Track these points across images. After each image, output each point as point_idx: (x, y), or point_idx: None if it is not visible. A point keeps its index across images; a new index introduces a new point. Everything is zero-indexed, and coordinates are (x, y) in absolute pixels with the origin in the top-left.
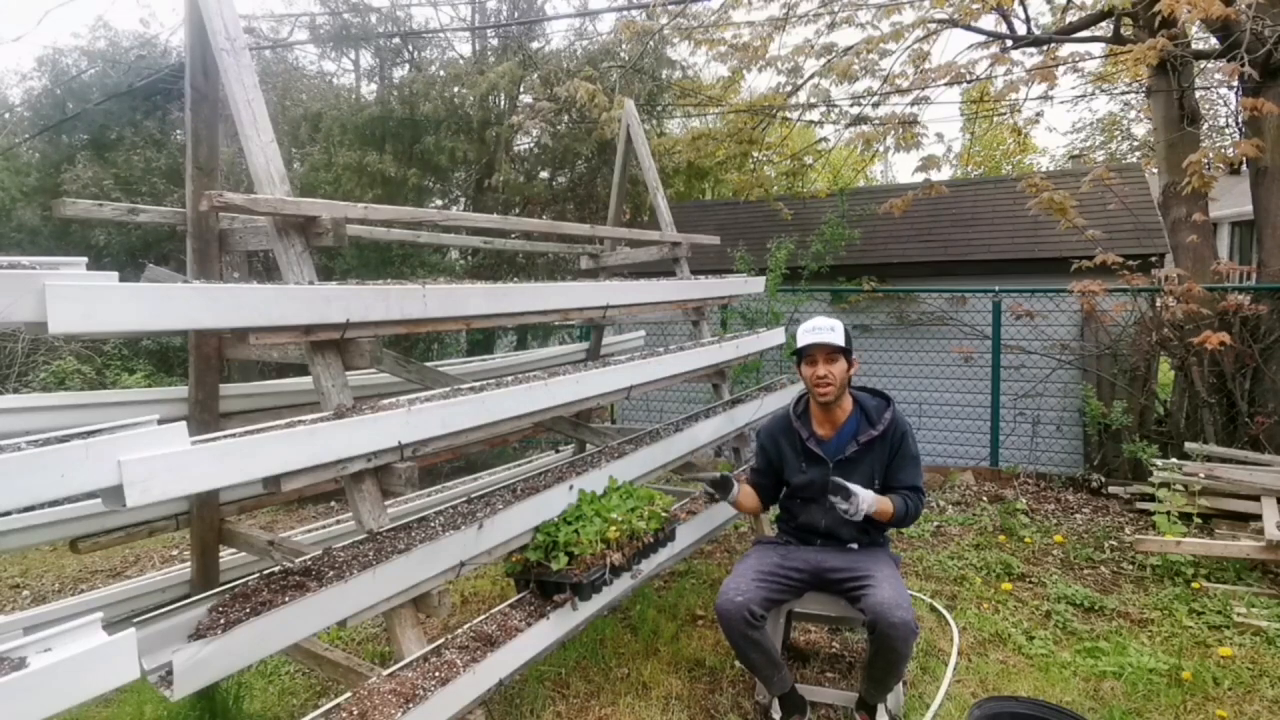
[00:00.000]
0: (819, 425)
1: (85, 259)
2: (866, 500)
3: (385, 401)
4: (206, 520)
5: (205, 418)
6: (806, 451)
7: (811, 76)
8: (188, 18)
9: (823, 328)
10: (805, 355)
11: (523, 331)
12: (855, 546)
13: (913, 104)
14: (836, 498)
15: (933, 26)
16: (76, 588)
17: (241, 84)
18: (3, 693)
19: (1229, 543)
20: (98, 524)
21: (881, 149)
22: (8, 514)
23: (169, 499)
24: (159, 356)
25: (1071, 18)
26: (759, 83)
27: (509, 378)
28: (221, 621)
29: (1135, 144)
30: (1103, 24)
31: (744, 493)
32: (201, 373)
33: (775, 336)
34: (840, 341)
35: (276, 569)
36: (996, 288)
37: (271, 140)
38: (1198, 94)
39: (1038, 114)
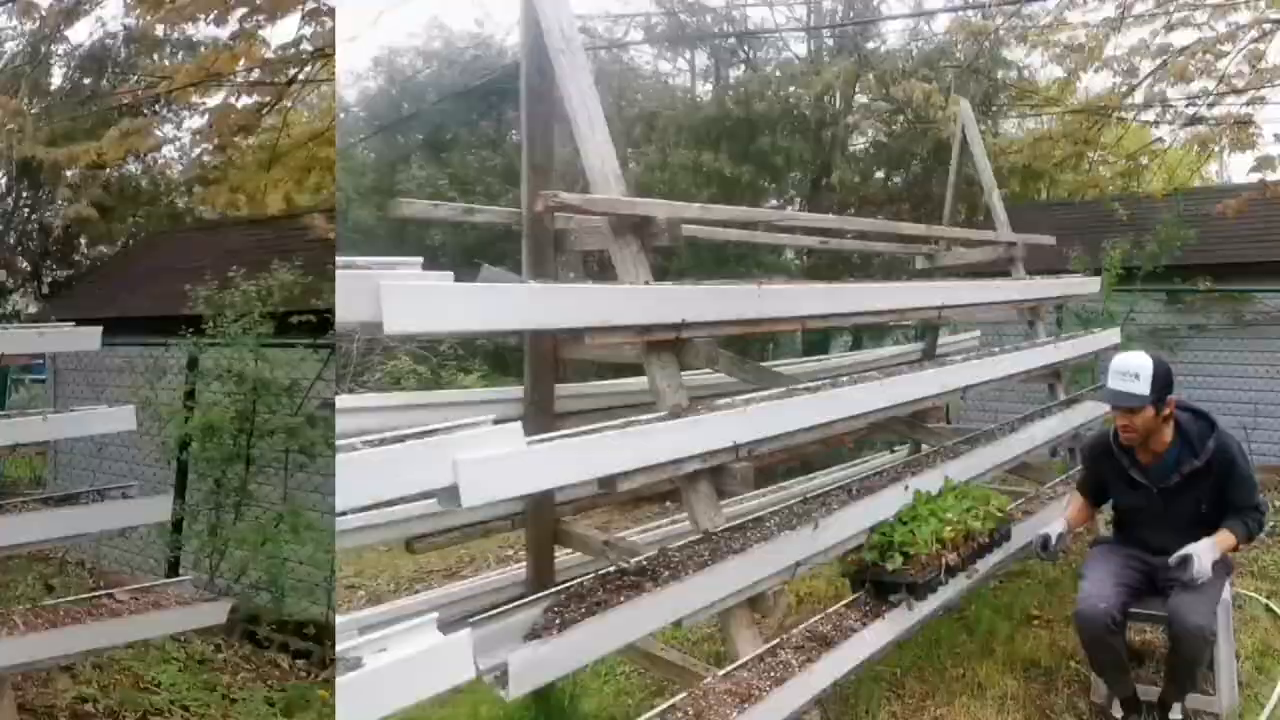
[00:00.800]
0: (1140, 453)
1: (421, 258)
2: (1206, 557)
3: (720, 401)
4: (542, 520)
5: (541, 418)
6: (1129, 479)
7: (1147, 77)
8: (523, 18)
9: (1127, 373)
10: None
11: (858, 332)
12: None
13: (1248, 104)
14: (1176, 571)
15: (1268, 26)
16: (412, 588)
17: (577, 84)
18: (343, 691)
19: None
20: (433, 524)
21: (1216, 149)
22: (344, 514)
23: (503, 499)
24: (495, 357)
25: None
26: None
27: (844, 378)
28: (557, 622)
29: None
30: None
31: (1074, 508)
32: (537, 373)
33: (1110, 337)
34: (1143, 393)
35: (612, 569)
36: None
37: (606, 140)
38: None
39: None
